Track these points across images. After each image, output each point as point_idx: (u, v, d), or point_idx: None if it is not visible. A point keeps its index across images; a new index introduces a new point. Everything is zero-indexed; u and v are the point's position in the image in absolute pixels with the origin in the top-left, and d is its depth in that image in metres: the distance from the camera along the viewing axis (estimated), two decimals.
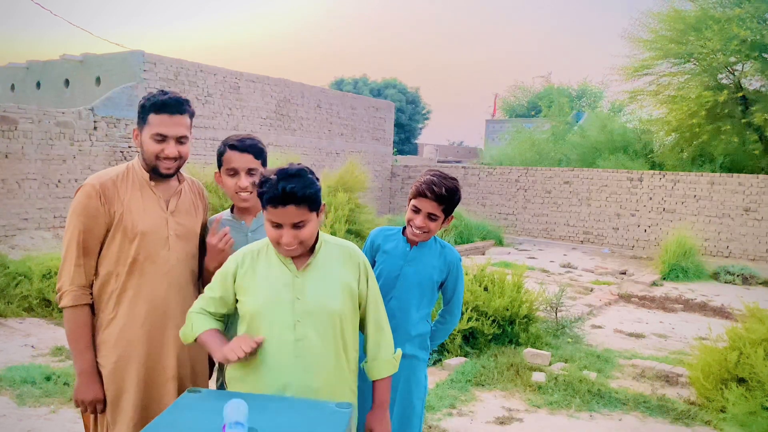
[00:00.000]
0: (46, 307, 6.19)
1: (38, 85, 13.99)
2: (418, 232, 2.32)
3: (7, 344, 5.25)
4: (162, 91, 2.16)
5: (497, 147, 22.79)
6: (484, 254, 12.09)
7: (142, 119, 2.13)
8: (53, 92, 13.46)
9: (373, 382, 2.04)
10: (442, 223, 2.35)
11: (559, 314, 6.25)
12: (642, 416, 4.27)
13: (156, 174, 2.16)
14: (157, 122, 2.10)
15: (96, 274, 2.11)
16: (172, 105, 2.10)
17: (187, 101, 2.17)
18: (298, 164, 1.86)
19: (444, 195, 2.27)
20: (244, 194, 2.30)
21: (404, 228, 2.44)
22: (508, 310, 5.47)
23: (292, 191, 1.77)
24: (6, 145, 9.21)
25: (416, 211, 2.31)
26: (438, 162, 28.35)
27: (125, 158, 10.96)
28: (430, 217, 2.30)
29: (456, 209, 2.43)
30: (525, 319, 5.58)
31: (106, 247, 2.09)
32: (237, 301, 1.96)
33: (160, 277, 2.12)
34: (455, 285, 2.49)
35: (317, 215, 1.88)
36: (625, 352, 5.78)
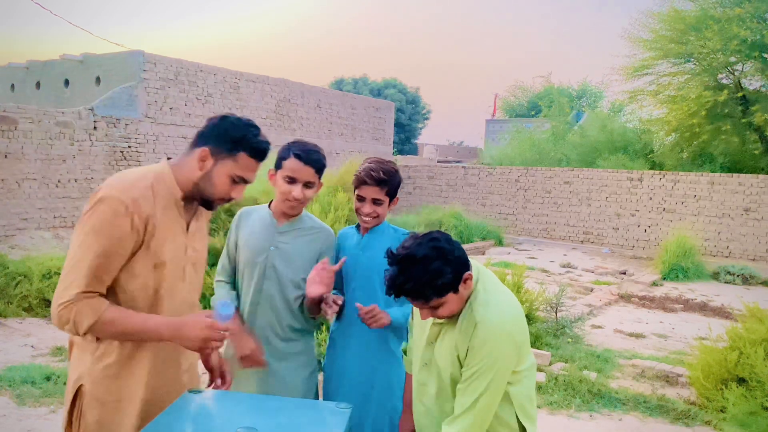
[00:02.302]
0: (46, 307, 6.19)
1: (38, 85, 13.99)
2: (367, 219, 2.39)
3: (7, 344, 5.24)
4: (255, 127, 1.87)
5: (497, 147, 22.79)
6: (484, 254, 12.09)
7: (229, 150, 1.81)
8: (53, 92, 13.46)
9: None
10: (389, 205, 2.42)
11: (559, 314, 6.25)
12: (642, 416, 4.27)
13: (202, 205, 1.91)
14: (247, 166, 1.84)
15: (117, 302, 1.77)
16: (265, 154, 1.89)
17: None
18: (426, 238, 1.70)
19: (383, 178, 2.34)
20: (294, 203, 2.34)
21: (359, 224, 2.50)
22: None
23: (406, 289, 1.68)
24: (6, 145, 9.21)
25: (361, 199, 2.38)
26: (438, 162, 28.35)
27: (125, 158, 10.96)
28: (375, 202, 2.37)
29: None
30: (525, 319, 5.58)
31: (129, 274, 1.74)
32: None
33: (173, 312, 1.84)
34: None
35: (455, 292, 1.71)
36: (625, 352, 5.78)
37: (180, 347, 1.84)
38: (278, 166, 2.36)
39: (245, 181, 1.86)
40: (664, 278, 10.37)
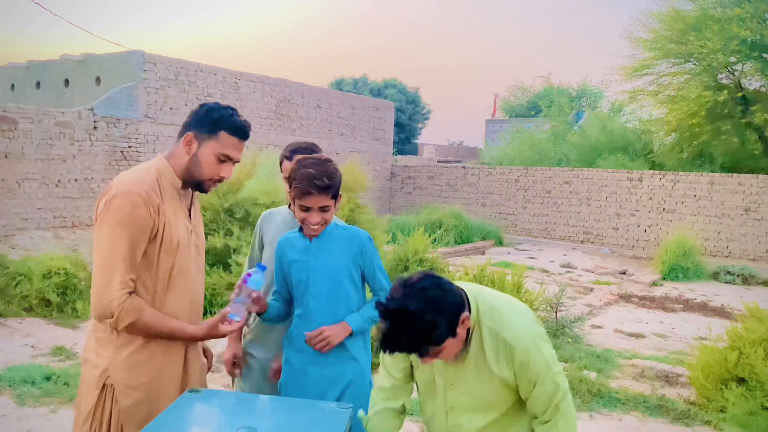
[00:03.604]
0: (46, 307, 6.19)
1: (38, 85, 13.98)
2: (316, 227, 2.19)
3: (7, 344, 5.24)
4: (235, 110, 2.02)
5: (497, 147, 22.78)
6: (484, 254, 12.08)
7: (211, 131, 1.96)
8: (53, 92, 13.46)
9: None
10: (335, 206, 2.23)
11: (559, 314, 6.25)
12: (642, 416, 4.27)
13: (196, 188, 2.05)
14: (229, 144, 1.97)
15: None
16: (246, 132, 2.01)
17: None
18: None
19: (328, 184, 2.13)
20: None
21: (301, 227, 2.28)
22: None
23: (401, 345, 1.63)
24: (6, 145, 9.20)
25: (306, 209, 2.16)
26: (438, 162, 28.34)
27: (125, 158, 10.96)
28: (322, 209, 2.17)
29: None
30: None
31: (149, 259, 1.90)
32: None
33: (187, 292, 2.01)
34: (371, 264, 2.29)
35: (453, 336, 1.66)
36: (625, 352, 5.78)
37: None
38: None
39: (231, 159, 1.99)
40: (664, 278, 10.37)
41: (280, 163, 2.56)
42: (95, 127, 10.49)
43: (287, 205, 2.56)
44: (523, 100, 34.33)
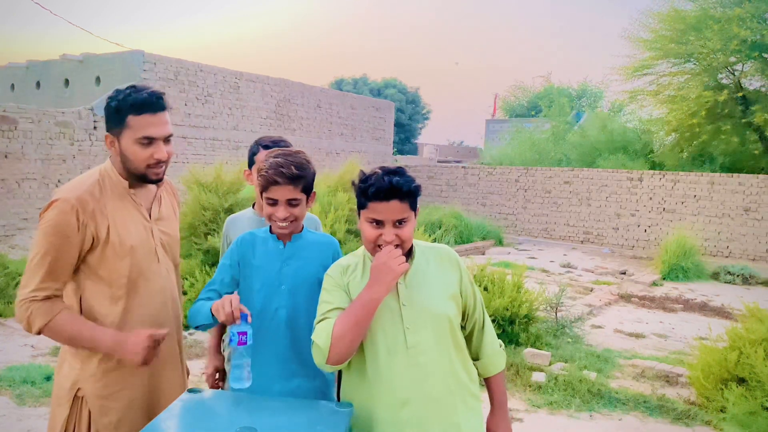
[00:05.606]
0: None
1: (38, 84, 13.99)
2: (284, 224, 1.98)
3: (7, 344, 5.25)
4: (133, 86, 1.88)
5: (497, 147, 22.77)
6: (484, 254, 12.09)
7: (119, 122, 1.85)
8: (53, 92, 13.47)
9: (488, 382, 2.00)
10: (307, 203, 2.04)
11: (559, 314, 6.25)
12: (642, 416, 4.27)
13: (144, 181, 1.93)
14: (143, 125, 1.84)
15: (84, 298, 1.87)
16: (153, 103, 1.85)
17: (163, 94, 1.95)
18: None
19: (296, 174, 1.95)
20: None
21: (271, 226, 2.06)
22: (508, 310, 5.47)
23: (399, 184, 1.78)
24: (6, 145, 9.21)
25: (273, 203, 1.97)
26: (438, 162, 28.35)
27: None
28: (291, 203, 1.97)
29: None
30: (525, 319, 5.58)
31: (97, 267, 1.84)
32: None
33: (154, 295, 1.93)
34: None
35: (414, 215, 1.89)
36: (625, 352, 5.78)
37: (173, 321, 2.00)
38: (251, 163, 2.36)
39: (155, 138, 1.86)
40: (664, 278, 10.37)
41: (252, 157, 2.38)
42: (95, 127, 10.49)
43: (251, 205, 2.45)
44: (523, 100, 34.32)
